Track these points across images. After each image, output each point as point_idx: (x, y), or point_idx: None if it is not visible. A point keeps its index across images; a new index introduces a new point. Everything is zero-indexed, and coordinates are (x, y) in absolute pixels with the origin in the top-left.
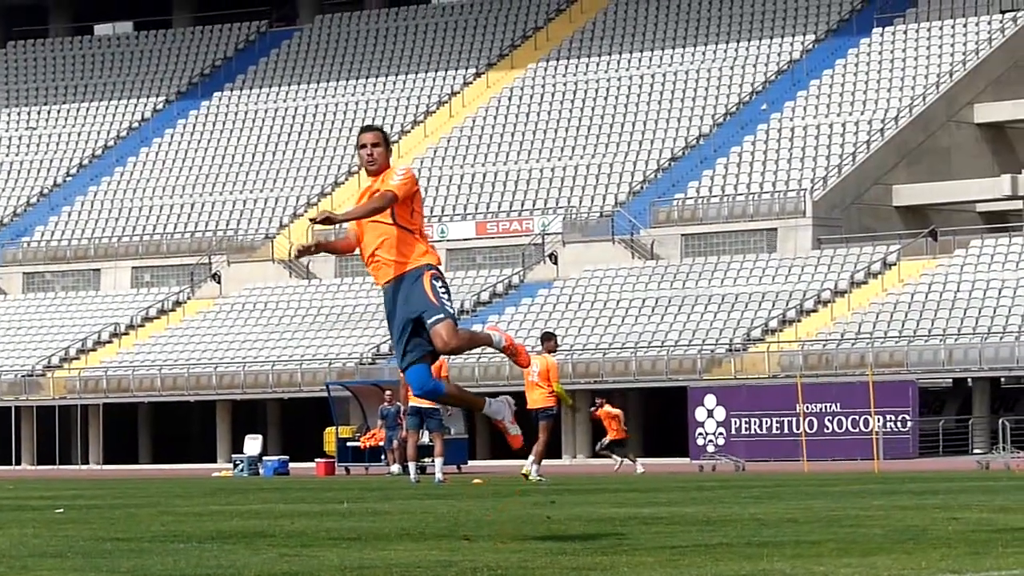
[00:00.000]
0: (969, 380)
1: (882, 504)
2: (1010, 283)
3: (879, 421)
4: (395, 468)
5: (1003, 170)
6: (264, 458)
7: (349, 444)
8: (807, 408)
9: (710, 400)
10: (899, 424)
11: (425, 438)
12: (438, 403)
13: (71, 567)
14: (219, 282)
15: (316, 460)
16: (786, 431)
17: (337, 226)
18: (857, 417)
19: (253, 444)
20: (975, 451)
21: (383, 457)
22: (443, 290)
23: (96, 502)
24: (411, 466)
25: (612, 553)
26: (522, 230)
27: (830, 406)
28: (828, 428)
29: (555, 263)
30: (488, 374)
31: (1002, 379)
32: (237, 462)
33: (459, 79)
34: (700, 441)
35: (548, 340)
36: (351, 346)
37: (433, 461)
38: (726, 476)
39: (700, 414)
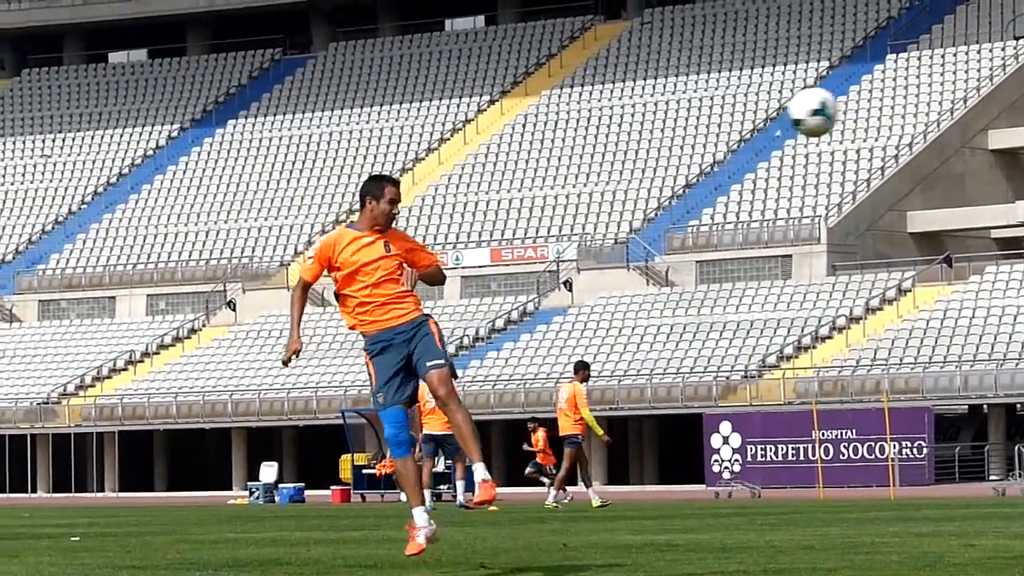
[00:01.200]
0: (985, 406)
1: (898, 531)
2: None
3: (895, 448)
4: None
5: (1017, 196)
6: (280, 485)
7: (365, 471)
8: (823, 435)
9: (725, 427)
10: (915, 451)
11: (440, 466)
12: (391, 460)
13: None
14: (234, 309)
15: (332, 487)
16: (802, 458)
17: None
18: (873, 444)
19: (269, 471)
20: (991, 477)
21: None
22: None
23: (112, 530)
24: (426, 493)
25: None
26: (536, 257)
27: (846, 432)
28: (844, 455)
29: (570, 290)
30: (503, 401)
31: (1018, 405)
32: (253, 489)
33: (473, 106)
34: (716, 468)
35: (581, 370)
36: (366, 373)
37: (451, 487)
38: (742, 503)
39: (716, 441)
